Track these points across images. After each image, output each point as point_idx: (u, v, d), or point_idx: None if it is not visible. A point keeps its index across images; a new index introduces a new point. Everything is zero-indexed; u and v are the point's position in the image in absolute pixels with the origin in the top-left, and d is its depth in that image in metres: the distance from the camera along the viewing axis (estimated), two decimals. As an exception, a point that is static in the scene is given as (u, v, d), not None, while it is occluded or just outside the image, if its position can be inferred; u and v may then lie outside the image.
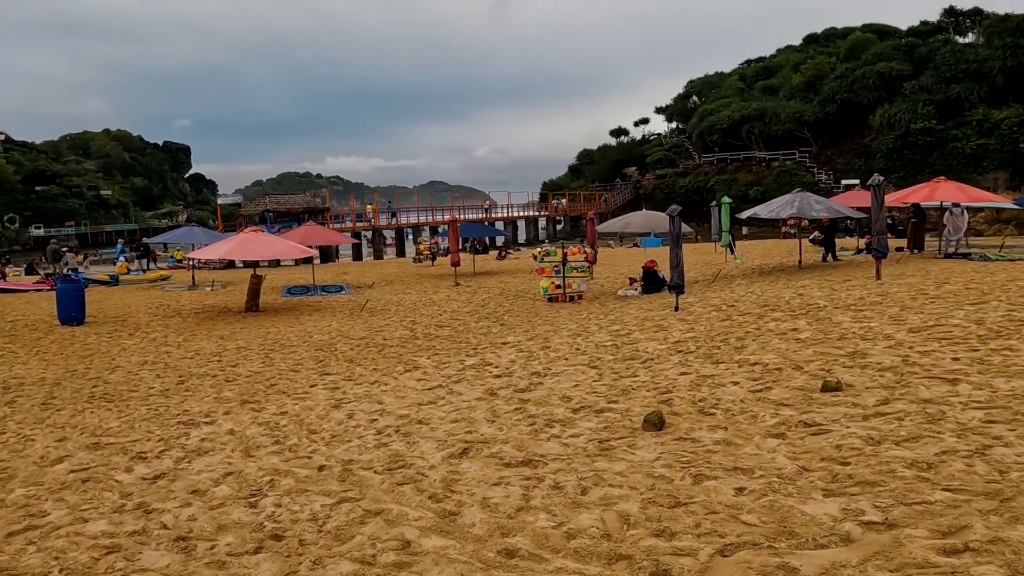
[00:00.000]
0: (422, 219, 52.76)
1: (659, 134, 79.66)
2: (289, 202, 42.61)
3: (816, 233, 22.18)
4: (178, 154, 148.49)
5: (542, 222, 64.43)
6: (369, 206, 51.30)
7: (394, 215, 50.33)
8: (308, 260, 35.25)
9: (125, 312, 16.84)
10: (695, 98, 77.24)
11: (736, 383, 6.30)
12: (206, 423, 7.03)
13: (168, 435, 6.60)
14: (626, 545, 3.40)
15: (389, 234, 49.72)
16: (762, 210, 16.89)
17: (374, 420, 6.57)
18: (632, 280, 16.63)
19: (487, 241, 41.75)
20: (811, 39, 76.09)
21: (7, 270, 30.72)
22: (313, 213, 41.67)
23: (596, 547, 3.42)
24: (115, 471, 5.53)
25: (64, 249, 31.12)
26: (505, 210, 60.44)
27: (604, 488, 4.20)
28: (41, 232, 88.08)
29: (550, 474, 4.57)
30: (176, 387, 8.96)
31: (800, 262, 17.40)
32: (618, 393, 6.48)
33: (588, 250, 17.07)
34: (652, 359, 7.80)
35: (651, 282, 15.13)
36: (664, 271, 15.66)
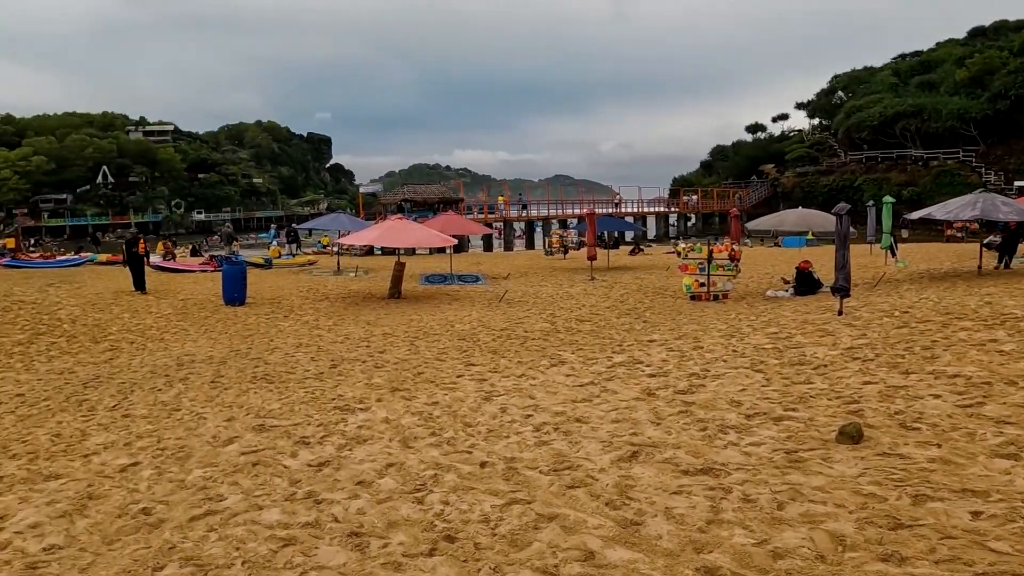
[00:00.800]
0: (552, 212, 52.75)
1: (800, 130, 75.71)
2: (425, 192, 43.82)
3: (992, 237, 20.09)
4: (320, 145, 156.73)
5: (672, 218, 62.83)
6: (500, 197, 51.85)
7: (525, 207, 50.63)
8: (442, 249, 36.27)
9: (279, 294, 17.77)
10: (841, 93, 72.78)
11: (937, 396, 5.63)
12: (361, 409, 7.10)
13: (326, 420, 6.71)
14: (848, 570, 3.01)
15: (519, 226, 50.07)
16: (938, 211, 15.44)
17: (529, 416, 6.38)
18: (785, 280, 15.69)
19: (616, 236, 41.11)
20: (977, 32, 70.23)
21: (176, 251, 33.49)
22: (448, 203, 42.59)
23: (811, 570, 3.06)
24: (282, 455, 5.62)
25: (225, 232, 33.32)
26: (635, 205, 59.35)
27: (804, 504, 3.81)
28: (202, 217, 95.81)
29: (736, 485, 4.20)
30: (329, 371, 9.18)
31: (980, 267, 15.78)
32: (795, 400, 5.97)
33: (736, 247, 16.24)
34: (825, 365, 7.18)
35: (804, 283, 14.17)
36: (818, 273, 14.65)
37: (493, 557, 3.53)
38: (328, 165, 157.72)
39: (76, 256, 32.61)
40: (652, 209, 61.09)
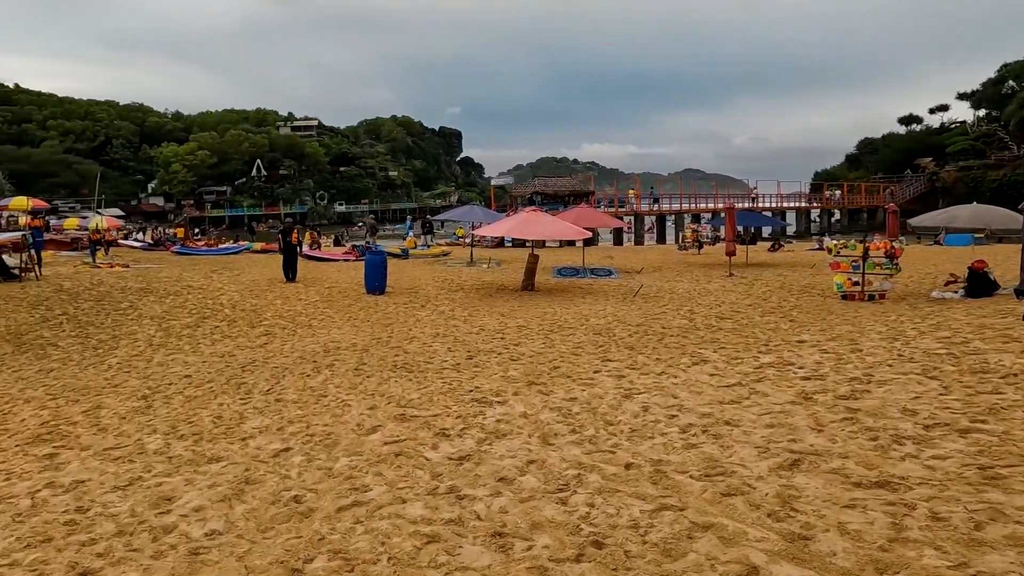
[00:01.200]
0: (684, 206, 51.25)
1: (962, 122, 69.18)
2: (556, 185, 43.77)
3: None
4: (451, 139, 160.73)
5: (814, 214, 59.36)
6: (631, 191, 51.00)
7: (656, 201, 49.51)
8: (572, 242, 36.09)
9: (416, 284, 18.28)
10: (1012, 83, 65.79)
11: None
12: (498, 402, 7.06)
13: (465, 412, 6.70)
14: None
15: (650, 220, 49.05)
16: None
17: (674, 416, 6.09)
18: (953, 279, 14.31)
19: (753, 232, 39.33)
20: None
21: (321, 241, 35.44)
22: (578, 196, 42.34)
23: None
24: (423, 447, 5.65)
25: (370, 223, 34.76)
26: (773, 200, 56.55)
27: (1008, 525, 3.37)
28: (343, 208, 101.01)
29: (920, 501, 3.77)
30: (466, 362, 9.23)
31: None
32: (983, 412, 5.32)
33: (897, 245, 14.98)
34: (1014, 375, 6.39)
35: (978, 285, 12.83)
36: (993, 273, 13.25)
37: (645, 567, 3.33)
38: (459, 158, 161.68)
39: (235, 244, 35.24)
40: (792, 204, 57.93)
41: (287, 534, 4.09)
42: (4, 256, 18.87)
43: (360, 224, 53.50)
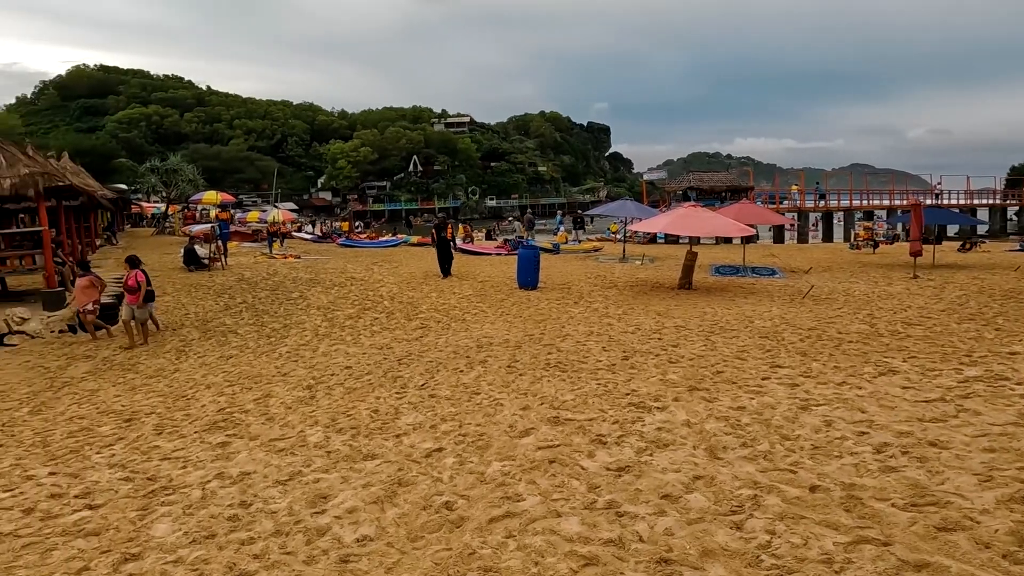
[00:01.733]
0: (855, 202, 47.45)
1: None
2: (712, 180, 41.91)
3: None
4: (599, 134, 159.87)
5: (1011, 211, 53.04)
6: (794, 186, 47.91)
7: (822, 197, 46.21)
8: (728, 239, 34.44)
9: (568, 280, 18.03)
10: None
11: None
12: (657, 408, 6.61)
13: (621, 417, 6.32)
14: None
15: (814, 216, 45.86)
16: None
17: (863, 433, 5.40)
18: None
19: (936, 230, 35.68)
20: None
21: (474, 234, 36.24)
22: (735, 192, 40.35)
23: None
24: (578, 455, 5.34)
25: (528, 218, 35.06)
26: (960, 196, 51.05)
27: None
28: (494, 203, 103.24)
29: None
30: (621, 363, 8.82)
31: None
32: None
33: None
34: None
35: None
36: None
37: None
38: (607, 154, 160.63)
39: (393, 237, 36.81)
40: (985, 201, 52.03)
41: (437, 545, 3.93)
42: (196, 246, 20.71)
43: (511, 219, 54.19)
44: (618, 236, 36.10)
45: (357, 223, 58.62)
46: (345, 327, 12.78)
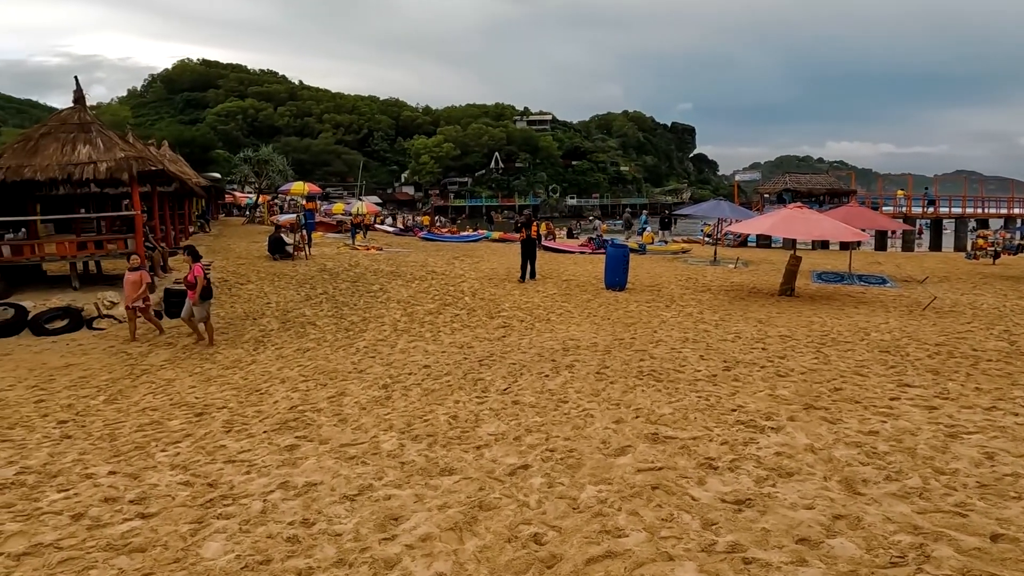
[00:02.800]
0: (968, 210, 44.17)
1: None
2: (810, 182, 39.60)
3: None
4: (683, 135, 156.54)
5: None
6: (899, 191, 44.97)
7: (931, 203, 43.21)
8: (825, 244, 32.49)
9: (657, 282, 17.12)
10: None
11: None
12: (771, 428, 5.79)
13: (731, 438, 5.53)
14: None
15: (921, 223, 42.94)
16: None
17: (1040, 473, 4.46)
18: None
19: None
20: None
21: (556, 232, 35.62)
22: (836, 195, 38.11)
23: None
24: (686, 481, 4.61)
25: (626, 217, 34.12)
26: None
27: None
28: (574, 202, 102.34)
29: None
30: (723, 374, 7.98)
31: None
32: None
33: None
34: None
35: None
36: None
37: None
38: (691, 155, 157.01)
39: (474, 233, 36.56)
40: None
41: (524, 592, 3.27)
42: (282, 235, 20.84)
43: (591, 217, 53.15)
44: (706, 238, 34.67)
45: (438, 217, 58.85)
46: (425, 323, 12.32)
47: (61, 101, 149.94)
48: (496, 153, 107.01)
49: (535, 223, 18.20)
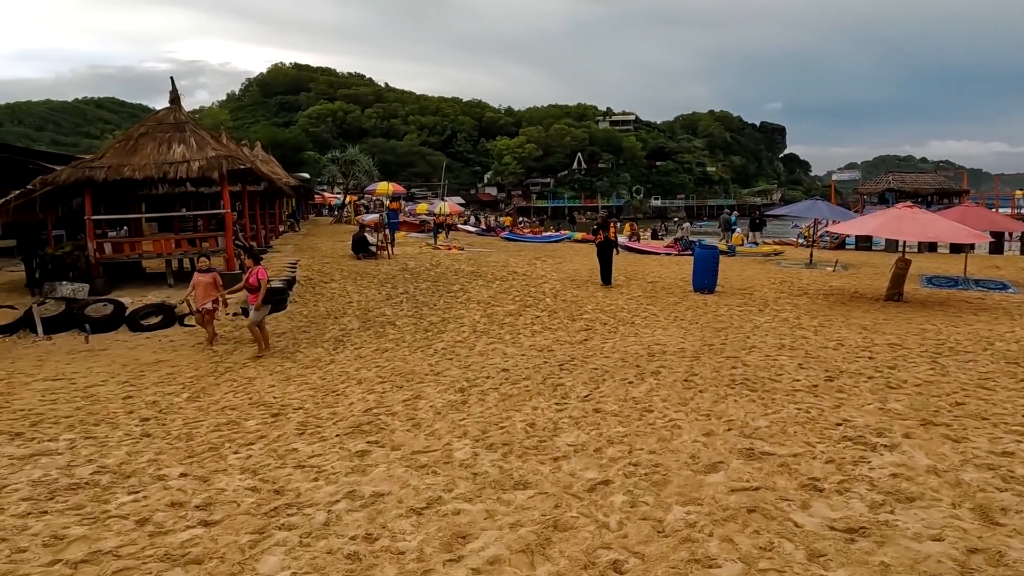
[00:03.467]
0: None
1: None
2: (917, 181, 37.29)
3: None
4: (773, 135, 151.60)
5: None
6: (1019, 191, 41.91)
7: (1054, 204, 40.05)
8: (933, 247, 30.40)
9: (749, 285, 16.29)
10: None
11: None
12: (885, 447, 5.16)
13: (837, 455, 4.96)
14: None
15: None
16: None
17: None
18: None
19: None
20: None
21: (640, 233, 34.91)
22: (946, 195, 35.73)
23: None
24: (787, 505, 4.10)
25: (724, 218, 33.20)
26: None
27: None
28: (659, 203, 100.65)
29: None
30: (825, 384, 7.32)
31: None
32: None
33: None
34: None
35: None
36: None
37: None
38: (782, 155, 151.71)
39: (556, 233, 36.23)
40: None
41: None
42: (366, 234, 21.06)
43: (677, 219, 51.98)
44: (800, 240, 33.12)
45: (521, 219, 58.80)
46: (504, 324, 12.03)
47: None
48: (579, 154, 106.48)
49: (612, 224, 17.38)
